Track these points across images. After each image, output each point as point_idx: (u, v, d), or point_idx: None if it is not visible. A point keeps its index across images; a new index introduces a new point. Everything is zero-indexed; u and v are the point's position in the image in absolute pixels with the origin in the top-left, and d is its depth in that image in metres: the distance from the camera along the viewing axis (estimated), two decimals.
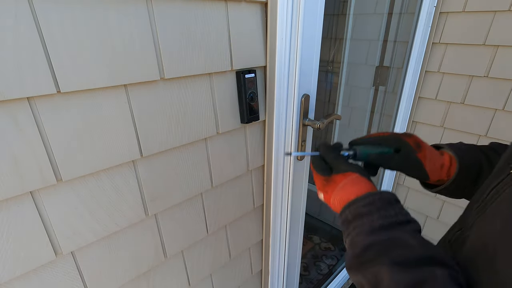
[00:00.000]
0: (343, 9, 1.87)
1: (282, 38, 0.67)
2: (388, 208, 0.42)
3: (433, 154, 0.53)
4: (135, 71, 0.50)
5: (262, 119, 0.76)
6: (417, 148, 0.53)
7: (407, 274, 0.35)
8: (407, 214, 0.42)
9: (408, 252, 0.37)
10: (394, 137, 0.54)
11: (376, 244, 0.40)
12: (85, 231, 0.53)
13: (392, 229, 0.40)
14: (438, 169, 0.54)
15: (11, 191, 0.43)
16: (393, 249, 0.38)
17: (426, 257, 0.37)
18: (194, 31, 0.56)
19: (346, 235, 0.45)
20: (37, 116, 0.43)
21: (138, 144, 0.55)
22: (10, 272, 0.47)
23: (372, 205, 0.42)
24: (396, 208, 0.42)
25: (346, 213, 0.45)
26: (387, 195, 0.44)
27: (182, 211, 0.69)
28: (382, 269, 0.37)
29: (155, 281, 0.70)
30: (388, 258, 0.37)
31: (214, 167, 0.71)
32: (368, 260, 0.39)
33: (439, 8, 1.33)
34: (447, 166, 0.54)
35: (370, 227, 0.41)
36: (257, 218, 0.92)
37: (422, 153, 0.53)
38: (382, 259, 0.38)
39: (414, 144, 0.53)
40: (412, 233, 0.39)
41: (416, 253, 0.37)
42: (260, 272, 1.04)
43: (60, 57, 0.43)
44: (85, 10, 0.43)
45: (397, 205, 0.43)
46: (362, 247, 0.40)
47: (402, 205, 0.44)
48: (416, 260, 0.36)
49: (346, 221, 0.45)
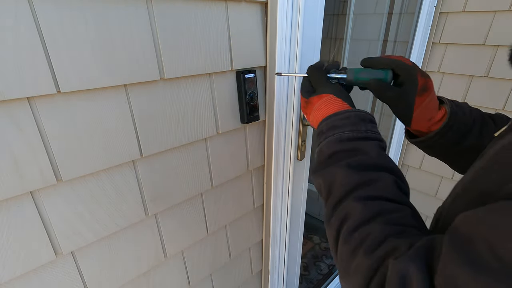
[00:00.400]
0: (343, 9, 1.87)
1: (282, 38, 0.67)
2: (360, 124, 0.45)
3: (430, 105, 0.51)
4: (135, 71, 0.50)
5: (262, 119, 0.76)
6: (421, 90, 0.50)
7: (357, 175, 0.40)
8: (376, 132, 0.46)
9: (364, 159, 0.41)
10: (408, 70, 0.50)
11: (340, 152, 0.44)
12: (85, 231, 0.53)
13: (357, 141, 0.44)
14: (424, 120, 0.52)
15: (11, 191, 0.43)
16: (352, 156, 0.42)
17: (378, 165, 0.41)
18: (194, 31, 0.56)
19: (317, 145, 0.48)
20: (37, 116, 0.43)
21: (138, 144, 0.55)
22: (10, 272, 0.47)
23: (347, 120, 0.46)
24: (368, 126, 0.45)
25: (323, 125, 0.48)
26: (363, 114, 0.47)
27: (182, 211, 0.69)
28: (338, 170, 0.41)
29: (155, 281, 0.70)
30: (345, 162, 0.41)
31: (214, 167, 0.71)
32: (330, 164, 0.43)
33: (439, 8, 1.33)
34: (436, 120, 0.52)
35: (339, 138, 0.44)
36: (257, 218, 0.92)
37: (422, 97, 0.50)
38: (340, 163, 0.42)
39: (422, 86, 0.50)
40: (374, 147, 0.43)
41: (371, 161, 0.41)
42: (260, 272, 1.04)
43: (60, 57, 0.43)
44: (85, 10, 0.43)
45: (370, 124, 0.46)
46: (328, 154, 0.45)
47: (376, 125, 0.48)
48: (368, 165, 0.41)
49: (320, 133, 0.48)
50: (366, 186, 0.39)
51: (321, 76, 0.54)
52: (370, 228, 0.35)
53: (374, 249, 0.33)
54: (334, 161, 0.43)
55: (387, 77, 0.52)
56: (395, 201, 0.38)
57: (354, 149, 0.43)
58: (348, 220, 0.38)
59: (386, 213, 0.36)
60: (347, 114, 0.46)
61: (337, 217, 0.39)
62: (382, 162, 0.41)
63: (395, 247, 0.32)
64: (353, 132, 0.44)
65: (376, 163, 0.41)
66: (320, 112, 0.50)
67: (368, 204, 0.37)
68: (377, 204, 0.37)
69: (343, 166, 0.41)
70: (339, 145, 0.44)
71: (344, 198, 0.40)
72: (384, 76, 0.52)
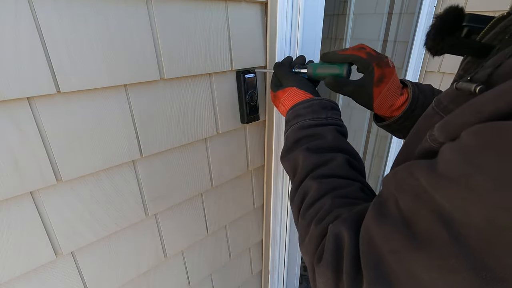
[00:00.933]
0: (343, 9, 1.87)
1: (282, 38, 0.67)
2: (321, 112, 0.50)
3: (390, 92, 0.53)
4: (135, 71, 0.50)
5: (262, 119, 0.76)
6: (378, 81, 0.52)
7: (315, 157, 0.45)
8: (336, 118, 0.51)
9: (322, 142, 0.47)
10: (363, 62, 0.53)
11: (302, 138, 0.49)
12: (85, 231, 0.53)
13: (317, 127, 0.49)
14: (385, 108, 0.55)
15: (11, 191, 0.43)
16: (312, 141, 0.48)
17: (334, 146, 0.46)
18: (194, 31, 0.56)
19: (284, 132, 0.54)
20: (37, 116, 0.43)
21: (138, 144, 0.55)
22: (10, 272, 0.47)
23: (309, 108, 0.51)
24: (328, 113, 0.50)
25: (289, 114, 0.53)
26: (325, 102, 0.52)
27: (182, 211, 0.69)
28: (300, 154, 0.46)
29: (155, 281, 0.70)
30: (305, 147, 0.47)
31: (214, 167, 0.71)
32: (293, 149, 0.49)
33: (439, 8, 1.33)
34: (397, 106, 0.54)
35: (301, 125, 0.50)
36: (257, 218, 0.92)
37: (380, 88, 0.53)
38: (301, 147, 0.47)
39: (378, 76, 0.52)
40: (332, 131, 0.48)
41: (326, 144, 0.46)
42: (260, 272, 1.04)
43: (60, 57, 0.43)
44: (85, 10, 0.43)
45: (331, 111, 0.51)
46: (292, 141, 0.49)
47: (339, 112, 0.53)
48: (325, 148, 0.46)
49: (287, 121, 0.53)
50: (322, 166, 0.44)
51: (285, 71, 0.59)
52: (322, 203, 0.40)
53: (322, 220, 0.38)
54: (297, 146, 0.48)
55: (343, 72, 0.54)
56: (346, 178, 0.42)
57: (314, 135, 0.48)
58: (306, 197, 0.42)
59: (338, 189, 0.41)
60: (310, 103, 0.51)
61: (299, 196, 0.44)
62: (337, 144, 0.46)
63: (337, 215, 0.36)
64: (314, 119, 0.49)
65: (331, 145, 0.46)
66: (285, 104, 0.55)
67: (323, 182, 0.42)
68: (330, 181, 0.42)
69: (303, 150, 0.46)
70: (301, 132, 0.49)
71: (304, 178, 0.44)
72: (339, 72, 0.54)
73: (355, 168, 0.45)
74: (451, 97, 0.31)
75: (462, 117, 0.25)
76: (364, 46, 0.54)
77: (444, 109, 0.32)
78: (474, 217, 0.22)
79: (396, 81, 0.53)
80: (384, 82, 0.52)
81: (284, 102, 0.56)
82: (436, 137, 0.28)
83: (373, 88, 0.53)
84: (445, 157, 0.25)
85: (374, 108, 0.55)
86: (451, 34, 0.36)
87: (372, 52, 0.53)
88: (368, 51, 0.53)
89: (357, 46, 0.54)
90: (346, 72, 0.54)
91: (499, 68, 0.26)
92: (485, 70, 0.27)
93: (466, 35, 0.37)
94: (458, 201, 0.23)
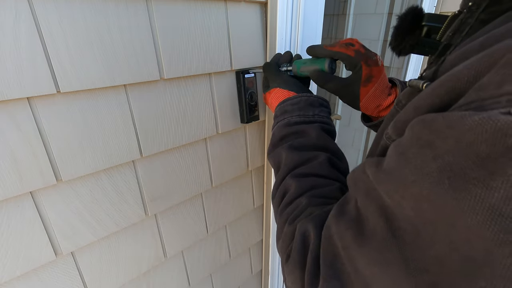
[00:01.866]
0: (343, 9, 1.87)
1: (282, 38, 0.67)
2: (308, 109, 0.49)
3: (378, 92, 0.51)
4: (134, 71, 0.50)
5: (262, 119, 0.76)
6: (365, 81, 0.50)
7: (297, 155, 0.45)
8: (323, 116, 0.50)
9: (305, 140, 0.46)
10: (350, 61, 0.50)
11: (288, 135, 0.48)
12: (85, 231, 0.53)
13: (302, 124, 0.48)
14: (372, 108, 0.53)
15: (11, 191, 0.43)
16: (296, 138, 0.47)
17: (317, 145, 0.46)
18: (193, 31, 0.56)
19: (271, 128, 0.53)
20: (37, 116, 0.43)
21: (138, 144, 0.55)
22: (10, 272, 0.47)
23: (296, 105, 0.50)
24: (315, 110, 0.50)
25: (277, 110, 0.53)
26: (313, 99, 0.51)
27: (182, 211, 0.69)
28: (283, 151, 0.47)
29: (155, 281, 0.70)
30: (289, 144, 0.47)
31: (214, 167, 0.71)
32: (278, 146, 0.49)
33: (439, 8, 1.33)
34: (384, 107, 0.52)
35: (287, 122, 0.49)
36: (257, 218, 0.92)
37: (367, 88, 0.51)
38: (285, 144, 0.47)
39: (366, 76, 0.50)
40: (316, 129, 0.47)
41: (310, 142, 0.46)
42: (260, 272, 1.04)
43: (60, 57, 0.43)
44: (85, 10, 0.43)
45: (319, 108, 0.50)
46: (278, 137, 0.50)
47: (327, 109, 0.52)
48: (308, 146, 0.46)
49: (275, 117, 0.53)
50: (303, 164, 0.44)
51: (271, 71, 0.59)
52: (298, 201, 0.40)
53: (295, 218, 0.38)
54: (281, 143, 0.49)
55: (324, 68, 0.52)
56: (326, 177, 0.42)
57: (298, 132, 0.48)
58: (286, 196, 0.43)
59: (316, 188, 0.41)
60: (298, 99, 0.51)
61: (279, 194, 0.44)
62: (321, 142, 0.46)
63: (309, 213, 0.37)
64: (300, 116, 0.49)
65: (314, 144, 0.46)
66: (273, 105, 0.56)
67: (302, 181, 0.42)
68: (309, 180, 0.42)
69: (286, 147, 0.47)
70: (287, 129, 0.49)
71: (285, 176, 0.45)
72: (320, 68, 0.52)
73: (337, 167, 0.44)
74: (407, 94, 0.32)
75: (406, 114, 0.26)
76: (354, 42, 0.51)
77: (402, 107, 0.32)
78: (405, 209, 0.22)
79: (384, 81, 0.51)
80: (372, 82, 0.50)
81: (271, 102, 0.57)
82: (390, 134, 0.28)
83: (360, 87, 0.51)
84: (388, 152, 0.26)
85: (361, 107, 0.53)
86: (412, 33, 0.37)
87: (361, 49, 0.50)
88: (356, 48, 0.50)
89: (346, 41, 0.52)
90: (328, 68, 0.52)
91: (442, 65, 0.27)
92: (433, 67, 0.28)
93: (426, 34, 0.37)
94: (394, 194, 0.23)
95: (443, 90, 0.22)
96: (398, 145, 0.24)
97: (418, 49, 0.36)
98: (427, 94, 0.24)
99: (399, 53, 0.37)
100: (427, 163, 0.20)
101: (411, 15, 0.37)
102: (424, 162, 0.21)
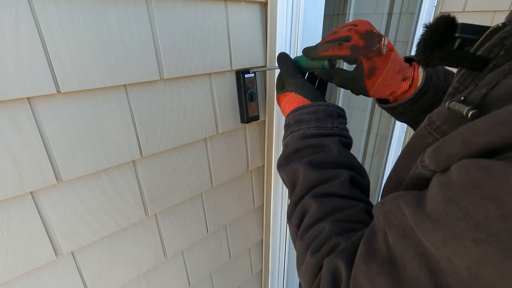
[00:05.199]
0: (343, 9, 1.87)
1: (282, 38, 0.67)
2: (327, 120, 0.45)
3: (387, 81, 0.48)
4: (135, 71, 0.50)
5: (262, 119, 0.76)
6: (369, 74, 0.48)
7: (317, 173, 0.41)
8: (342, 129, 0.46)
9: (326, 156, 0.42)
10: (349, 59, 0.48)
11: (304, 148, 0.44)
12: (85, 231, 0.53)
13: (321, 137, 0.44)
14: (386, 95, 0.50)
15: (11, 191, 0.43)
16: (315, 153, 0.43)
17: (339, 162, 0.42)
18: (193, 31, 0.56)
19: (284, 138, 0.49)
20: (37, 116, 0.43)
21: (138, 144, 0.55)
22: (11, 272, 0.47)
23: (314, 114, 0.46)
24: (334, 122, 0.46)
25: (290, 117, 0.48)
26: (332, 108, 0.47)
27: (182, 211, 0.69)
28: (300, 167, 0.42)
29: (155, 281, 0.70)
30: (307, 159, 0.42)
31: (214, 167, 0.71)
32: (294, 160, 0.45)
33: (439, 8, 1.33)
34: (399, 93, 0.49)
35: (304, 134, 0.45)
36: (257, 218, 0.92)
37: (372, 80, 0.48)
38: (303, 160, 0.43)
39: (368, 69, 0.47)
40: (336, 143, 0.43)
41: (331, 158, 0.42)
42: (260, 272, 1.04)
43: (60, 57, 0.43)
44: (85, 10, 0.43)
45: (338, 119, 0.46)
46: (292, 149, 0.45)
47: (345, 120, 0.48)
48: (329, 163, 0.42)
49: (287, 125, 0.49)
50: (323, 183, 0.40)
51: (288, 72, 0.53)
52: (321, 227, 0.37)
53: (319, 249, 0.35)
54: (297, 157, 0.45)
55: (324, 66, 0.51)
56: (349, 198, 0.39)
57: (317, 145, 0.44)
58: (305, 218, 0.39)
59: (339, 211, 0.38)
60: (315, 108, 0.46)
61: (297, 214, 0.41)
62: (343, 159, 0.42)
63: (335, 244, 0.34)
64: (318, 128, 0.45)
65: (336, 160, 0.42)
66: (286, 109, 0.52)
67: (323, 202, 0.38)
68: (331, 201, 0.38)
69: (305, 163, 0.42)
70: (303, 141, 0.45)
71: (304, 195, 0.41)
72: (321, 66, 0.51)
73: (359, 185, 0.41)
74: (443, 117, 0.29)
75: (452, 147, 0.23)
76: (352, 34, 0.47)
77: (437, 130, 0.29)
78: (457, 267, 0.20)
79: (393, 68, 0.47)
80: (376, 74, 0.47)
81: (284, 107, 0.53)
82: (427, 164, 0.25)
83: (365, 81, 0.48)
84: (432, 193, 0.23)
85: (372, 96, 0.51)
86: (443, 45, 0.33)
87: (358, 43, 0.46)
88: (352, 43, 0.47)
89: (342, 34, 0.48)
90: (328, 66, 0.50)
91: (494, 90, 0.24)
92: (480, 91, 0.25)
93: (459, 46, 0.33)
94: (443, 248, 0.21)
95: (506, 130, 0.19)
96: (446, 187, 0.21)
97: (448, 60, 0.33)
98: (482, 130, 0.21)
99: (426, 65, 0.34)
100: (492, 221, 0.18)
101: (443, 25, 0.33)
102: (488, 219, 0.18)
